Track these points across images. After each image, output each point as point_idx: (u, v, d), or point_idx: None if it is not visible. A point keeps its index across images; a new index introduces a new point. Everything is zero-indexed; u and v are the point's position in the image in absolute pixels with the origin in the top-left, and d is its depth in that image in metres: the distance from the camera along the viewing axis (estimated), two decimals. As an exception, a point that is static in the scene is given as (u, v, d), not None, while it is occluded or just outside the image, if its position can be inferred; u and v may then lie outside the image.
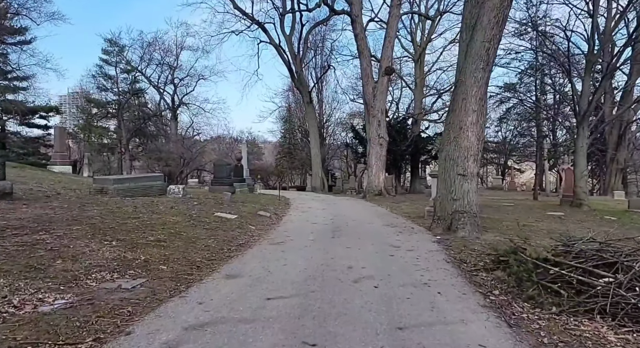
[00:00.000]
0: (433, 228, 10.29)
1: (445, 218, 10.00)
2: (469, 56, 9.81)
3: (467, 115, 9.85)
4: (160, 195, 14.94)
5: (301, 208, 17.02)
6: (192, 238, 8.25)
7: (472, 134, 9.87)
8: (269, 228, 10.94)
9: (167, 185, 15.38)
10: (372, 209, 17.24)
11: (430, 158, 39.87)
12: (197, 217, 10.71)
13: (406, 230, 10.81)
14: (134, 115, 44.18)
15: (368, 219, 13.34)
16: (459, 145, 9.93)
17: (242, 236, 9.38)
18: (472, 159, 9.89)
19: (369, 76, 24.22)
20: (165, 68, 46.97)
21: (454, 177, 9.93)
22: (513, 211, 16.76)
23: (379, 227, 11.37)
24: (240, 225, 10.62)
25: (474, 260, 7.38)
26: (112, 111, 43.00)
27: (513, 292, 5.46)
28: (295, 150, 51.59)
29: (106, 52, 43.39)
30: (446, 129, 10.43)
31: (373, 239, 9.36)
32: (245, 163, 29.12)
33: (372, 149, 23.85)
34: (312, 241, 9.06)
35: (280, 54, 35.11)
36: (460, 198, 9.82)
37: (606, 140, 30.25)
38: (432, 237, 9.61)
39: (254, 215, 12.81)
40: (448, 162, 10.09)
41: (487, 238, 9.34)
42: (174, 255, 6.93)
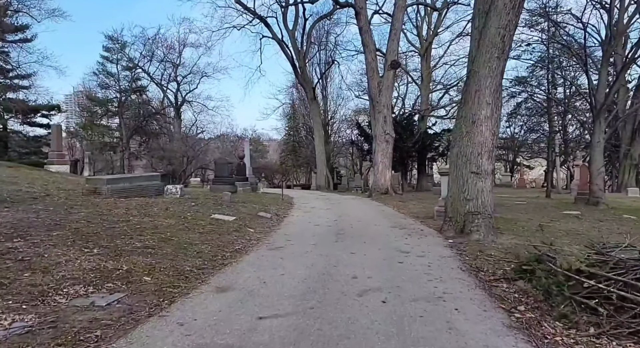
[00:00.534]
0: (444, 230, 9.59)
1: (458, 219, 9.30)
2: (483, 44, 9.10)
3: (481, 108, 9.14)
4: (157, 195, 14.32)
5: (304, 208, 16.36)
6: (184, 244, 7.59)
7: (486, 128, 9.16)
8: (269, 231, 10.28)
9: (164, 185, 14.74)
10: (379, 209, 16.56)
11: (438, 155, 39.08)
12: (193, 219, 10.07)
13: (415, 232, 10.11)
14: (134, 113, 43.59)
15: (374, 220, 12.66)
16: (472, 141, 9.23)
17: (239, 240, 8.73)
18: (486, 155, 9.19)
19: (374, 70, 23.48)
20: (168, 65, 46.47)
21: (467, 175, 9.24)
22: (526, 210, 16.03)
23: (386, 229, 10.68)
24: (238, 228, 9.97)
25: (492, 267, 6.69)
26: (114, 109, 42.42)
27: (541, 308, 4.78)
28: (300, 147, 50.90)
29: (107, 49, 42.89)
30: (458, 124, 9.73)
31: (380, 243, 8.68)
32: (248, 161, 28.43)
33: (378, 146, 23.13)
34: (313, 246, 8.39)
35: (283, 49, 34.41)
36: (473, 198, 9.13)
37: (619, 136, 29.37)
38: (443, 241, 8.92)
39: (254, 216, 12.16)
40: (460, 159, 9.39)
41: (503, 242, 8.63)
42: (161, 264, 6.28)
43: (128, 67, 42.91)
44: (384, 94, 22.86)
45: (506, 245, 8.28)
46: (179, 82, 48.55)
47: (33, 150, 39.38)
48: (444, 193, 13.00)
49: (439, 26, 36.87)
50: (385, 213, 14.63)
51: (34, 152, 39.01)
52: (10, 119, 35.62)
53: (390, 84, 23.41)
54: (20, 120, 36.58)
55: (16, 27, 34.09)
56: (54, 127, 22.23)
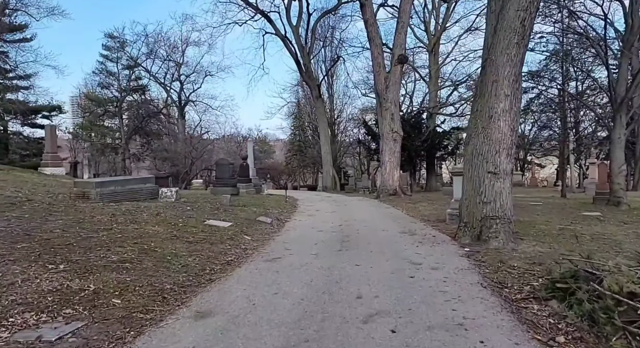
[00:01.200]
0: (459, 237, 8.71)
1: (474, 225, 8.42)
2: (500, 29, 8.21)
3: (499, 101, 8.26)
4: (151, 199, 13.54)
5: (308, 212, 15.53)
6: (168, 256, 6.76)
7: (504, 123, 8.28)
8: (267, 239, 9.44)
9: (159, 188, 13.95)
10: (387, 211, 15.69)
11: (447, 154, 38.14)
12: (184, 226, 9.26)
13: (427, 239, 9.23)
14: (134, 113, 42.84)
15: (382, 224, 11.79)
16: (488, 138, 8.34)
17: (232, 250, 7.90)
18: (504, 153, 8.30)
19: (381, 65, 22.57)
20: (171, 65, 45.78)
21: (483, 176, 8.35)
22: (543, 211, 15.10)
23: (395, 235, 9.81)
24: (233, 235, 9.13)
25: (517, 283, 5.81)
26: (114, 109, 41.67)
27: (586, 339, 3.90)
28: (306, 147, 50.05)
29: (107, 48, 42.17)
30: (473, 119, 8.84)
31: (388, 252, 7.82)
32: (251, 162, 27.70)
33: (386, 145, 22.22)
34: (314, 256, 7.54)
35: (287, 45, 33.62)
36: (491, 201, 8.24)
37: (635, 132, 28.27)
38: (458, 249, 8.03)
39: (252, 221, 11.33)
40: (476, 158, 8.51)
41: (525, 250, 7.73)
42: (137, 282, 5.45)
43: (128, 66, 42.16)
44: (391, 90, 21.94)
45: (529, 254, 7.39)
46: (182, 81, 47.87)
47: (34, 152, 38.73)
48: (456, 194, 12.13)
49: (448, 20, 35.91)
50: (394, 217, 13.76)
51: (36, 154, 38.32)
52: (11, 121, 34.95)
53: (398, 80, 22.49)
54: (20, 121, 35.94)
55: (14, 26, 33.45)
56: (48, 127, 21.51)
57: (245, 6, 32.83)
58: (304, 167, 54.07)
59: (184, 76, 47.87)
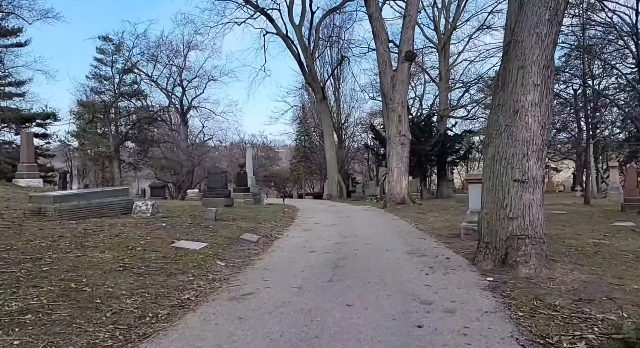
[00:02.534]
0: (479, 260, 7.00)
1: (497, 246, 6.74)
2: (528, 4, 6.57)
3: (526, 92, 6.61)
4: (123, 214, 12.05)
5: (305, 225, 13.93)
6: (99, 298, 5.15)
7: (533, 119, 6.62)
8: (246, 264, 7.81)
9: (133, 202, 12.40)
10: (393, 223, 14.00)
11: (459, 158, 36.47)
12: (143, 250, 7.67)
13: (439, 262, 7.53)
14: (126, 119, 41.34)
15: (387, 241, 10.13)
16: (513, 138, 6.69)
17: (194, 283, 6.29)
18: (534, 156, 6.64)
19: (387, 63, 20.90)
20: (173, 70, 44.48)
21: (508, 185, 6.69)
22: (569, 221, 13.40)
23: (400, 257, 8.13)
24: (202, 261, 7.51)
25: (565, 333, 4.15)
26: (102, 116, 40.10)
27: None
28: (311, 153, 48.49)
29: (101, 51, 40.80)
30: (493, 115, 7.17)
31: (390, 284, 6.16)
32: (250, 170, 26.13)
33: (393, 149, 20.52)
34: (296, 291, 5.91)
35: (289, 46, 32.10)
36: (518, 216, 6.58)
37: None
38: (479, 278, 6.34)
39: (234, 241, 9.72)
40: (498, 163, 6.85)
41: (563, 279, 6.04)
42: (30, 346, 3.85)
43: (124, 70, 40.77)
44: (398, 90, 20.26)
45: (570, 285, 5.72)
46: (184, 86, 46.59)
47: (29, 162, 37.57)
48: (472, 205, 10.45)
49: (458, 19, 34.30)
50: (401, 231, 12.07)
51: (30, 164, 37.21)
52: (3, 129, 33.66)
53: (405, 78, 20.80)
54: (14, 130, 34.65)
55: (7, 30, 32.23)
56: (23, 134, 20.05)
57: (243, 4, 31.32)
58: (310, 174, 52.51)
59: (186, 81, 46.68)
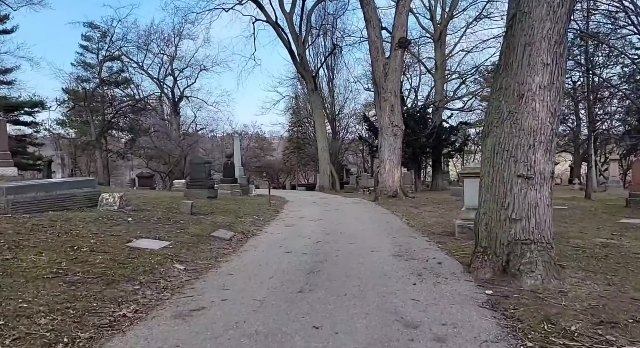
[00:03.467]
0: (476, 268, 6.03)
1: (497, 251, 5.78)
2: (537, -34, 5.59)
3: (534, 73, 5.63)
4: (89, 207, 11.05)
5: (289, 220, 12.98)
6: (5, 315, 4.16)
7: (541, 105, 5.65)
8: (209, 267, 6.83)
9: (99, 194, 11.40)
10: (383, 219, 13.03)
11: (454, 150, 35.53)
12: (91, 250, 6.69)
13: (429, 268, 6.55)
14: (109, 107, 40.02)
15: (373, 240, 9.16)
16: (518, 126, 5.72)
17: (138, 293, 5.31)
18: (541, 148, 5.68)
19: (379, 50, 19.83)
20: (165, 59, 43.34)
21: (511, 181, 5.73)
22: (571, 218, 12.49)
23: (386, 261, 7.15)
24: (156, 265, 6.52)
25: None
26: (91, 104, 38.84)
27: None
28: (304, 144, 47.42)
29: (87, 38, 39.44)
30: (494, 100, 6.17)
31: (370, 297, 5.18)
32: (237, 160, 25.12)
33: (385, 140, 19.50)
34: (258, 305, 4.94)
35: (280, 34, 30.93)
36: (522, 217, 5.62)
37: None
38: (476, 290, 5.37)
39: (202, 239, 8.74)
40: (499, 156, 5.88)
41: (576, 292, 5.10)
42: None
43: (109, 57, 39.45)
44: (390, 78, 19.22)
45: (585, 300, 4.78)
46: (175, 76, 45.44)
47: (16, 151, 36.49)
48: (468, 202, 9.52)
49: (455, 7, 33.17)
50: (390, 228, 11.10)
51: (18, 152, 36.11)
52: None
53: (399, 66, 19.74)
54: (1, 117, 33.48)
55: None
56: (-5, 121, 18.94)
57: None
58: (304, 165, 51.51)
59: (178, 70, 45.58)
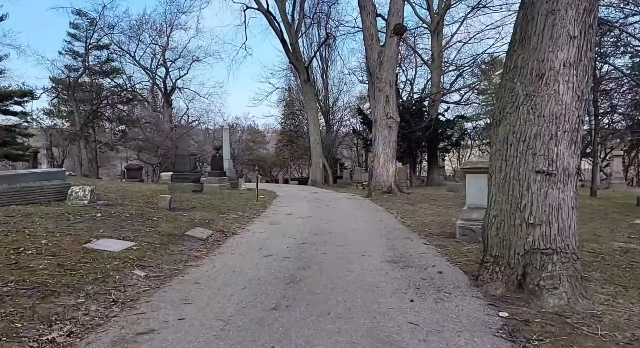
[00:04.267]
0: (485, 280, 5.09)
1: (511, 262, 4.87)
2: None
3: (557, 48, 4.72)
4: (57, 200, 10.14)
5: (275, 217, 12.05)
6: None
7: (566, 86, 4.74)
8: (173, 275, 5.88)
9: (69, 186, 10.45)
10: (376, 217, 12.11)
11: (451, 145, 34.63)
12: (38, 253, 5.77)
13: (429, 279, 5.60)
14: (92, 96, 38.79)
15: (364, 242, 8.24)
16: (537, 112, 4.80)
17: (80, 309, 4.39)
18: (566, 138, 4.77)
19: (374, 37, 18.83)
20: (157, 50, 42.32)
21: (528, 178, 4.82)
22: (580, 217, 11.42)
23: (378, 269, 6.22)
24: (112, 271, 5.58)
25: None
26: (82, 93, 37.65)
27: None
28: (297, 137, 46.43)
29: (75, 26, 38.16)
30: (507, 82, 5.21)
31: (358, 319, 4.25)
32: (226, 152, 24.20)
33: (379, 133, 18.54)
34: (221, 327, 4.02)
35: (272, 23, 29.89)
36: (542, 221, 4.72)
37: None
38: (487, 310, 4.44)
39: (174, 239, 7.80)
40: (514, 148, 4.97)
41: (613, 316, 4.20)
42: None
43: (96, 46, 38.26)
44: (385, 67, 18.24)
45: (627, 329, 3.89)
46: (167, 67, 44.39)
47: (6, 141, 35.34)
48: (470, 199, 8.63)
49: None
50: (384, 227, 10.18)
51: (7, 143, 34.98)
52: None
53: (394, 55, 18.75)
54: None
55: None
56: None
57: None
58: (297, 159, 50.53)
59: (170, 61, 44.54)
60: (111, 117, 39.28)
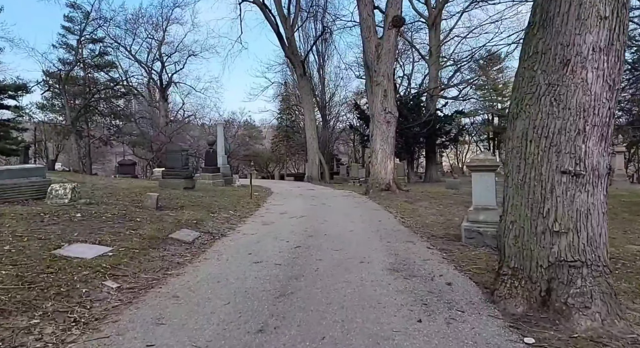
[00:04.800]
0: (502, 296, 4.46)
1: (533, 276, 4.26)
2: None
3: (585, 30, 4.11)
4: (36, 198, 9.53)
5: (268, 216, 11.44)
6: None
7: (594, 74, 4.13)
8: (151, 286, 5.25)
9: (49, 184, 9.80)
10: (375, 217, 11.48)
11: (449, 141, 34.06)
12: (1, 262, 5.12)
13: (437, 293, 4.97)
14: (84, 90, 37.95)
15: (363, 246, 7.61)
16: (562, 104, 4.20)
17: (33, 332, 3.78)
18: (595, 134, 4.17)
19: (371, 29, 18.12)
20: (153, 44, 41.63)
21: (552, 179, 4.22)
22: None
23: (379, 279, 5.59)
24: (79, 283, 4.95)
25: None
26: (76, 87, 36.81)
27: None
28: (294, 133, 45.75)
29: (69, 19, 37.30)
30: (526, 70, 4.57)
31: (359, 343, 3.64)
32: (221, 148, 23.53)
33: (377, 129, 17.89)
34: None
35: (267, 15, 29.20)
36: (569, 229, 4.12)
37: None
38: (508, 333, 3.81)
39: (157, 242, 7.17)
40: (534, 145, 4.36)
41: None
42: None
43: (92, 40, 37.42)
44: (383, 60, 17.56)
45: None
46: (163, 61, 43.70)
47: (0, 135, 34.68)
48: (477, 199, 8.03)
49: (451, -10, 31.48)
50: (383, 229, 9.55)
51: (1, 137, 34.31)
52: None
53: (392, 47, 18.05)
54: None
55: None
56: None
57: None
58: (293, 155, 49.87)
59: (166, 55, 43.83)
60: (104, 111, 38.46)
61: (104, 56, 38.87)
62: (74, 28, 36.73)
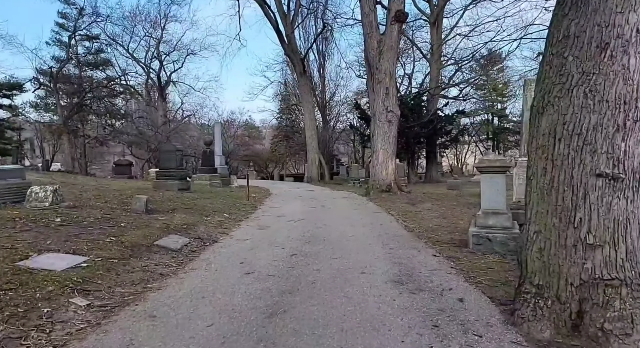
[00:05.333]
0: (525, 317, 3.85)
1: (561, 296, 3.67)
2: None
3: (629, 8, 3.54)
4: (15, 202, 8.96)
5: (265, 219, 10.87)
6: None
7: (638, 61, 3.56)
8: (125, 303, 4.65)
9: (28, 186, 9.22)
10: (376, 220, 10.89)
11: (450, 141, 33.48)
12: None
13: (448, 312, 4.36)
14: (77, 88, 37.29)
15: (363, 254, 7.01)
16: (598, 96, 3.62)
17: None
18: (637, 130, 3.59)
19: (373, 25, 17.52)
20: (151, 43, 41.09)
21: (585, 183, 3.63)
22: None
23: (382, 294, 5.00)
24: (40, 300, 4.36)
25: None
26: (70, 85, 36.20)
27: None
28: (293, 133, 45.15)
29: (63, 16, 36.67)
30: (553, 56, 3.97)
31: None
32: (218, 148, 22.98)
33: (378, 128, 17.28)
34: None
35: (267, 12, 28.60)
36: (606, 241, 3.55)
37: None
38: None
39: (140, 250, 6.58)
40: (564, 144, 3.77)
41: None
42: None
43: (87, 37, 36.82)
44: (385, 58, 16.95)
45: None
46: (161, 60, 43.09)
47: (-5, 134, 34.17)
48: (486, 203, 7.45)
49: (454, -13, 30.90)
50: (385, 233, 8.95)
51: (-6, 137, 33.83)
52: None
53: (395, 44, 17.43)
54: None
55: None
56: None
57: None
58: (293, 155, 49.27)
59: (164, 54, 43.22)
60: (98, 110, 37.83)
61: (99, 54, 38.23)
62: (68, 24, 36.11)
